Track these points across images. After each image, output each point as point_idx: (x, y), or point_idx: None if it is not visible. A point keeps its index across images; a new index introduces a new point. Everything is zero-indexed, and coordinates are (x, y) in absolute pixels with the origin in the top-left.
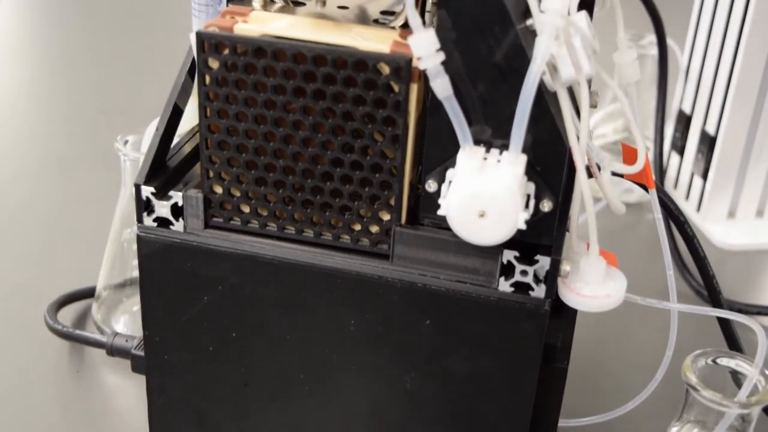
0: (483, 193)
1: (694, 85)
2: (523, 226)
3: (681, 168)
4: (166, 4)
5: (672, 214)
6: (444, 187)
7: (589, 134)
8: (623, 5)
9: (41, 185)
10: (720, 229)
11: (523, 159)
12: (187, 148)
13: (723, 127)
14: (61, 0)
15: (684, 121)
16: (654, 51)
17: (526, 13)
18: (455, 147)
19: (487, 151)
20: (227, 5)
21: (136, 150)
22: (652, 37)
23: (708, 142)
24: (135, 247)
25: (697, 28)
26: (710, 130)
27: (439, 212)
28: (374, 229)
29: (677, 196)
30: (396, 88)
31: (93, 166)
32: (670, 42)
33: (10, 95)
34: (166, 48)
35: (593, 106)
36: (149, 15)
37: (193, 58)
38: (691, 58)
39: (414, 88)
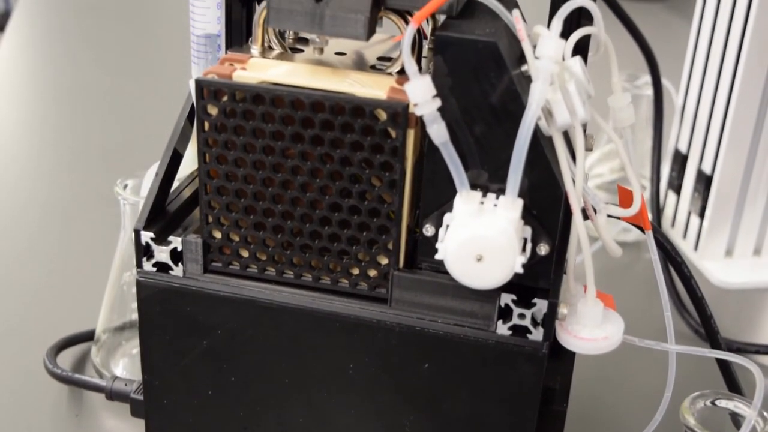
0: (480, 238)
1: (690, 125)
2: (520, 270)
3: (678, 207)
4: (167, 49)
5: (669, 255)
6: (441, 231)
7: (584, 178)
8: (618, 46)
9: (41, 228)
10: (717, 267)
11: (519, 203)
12: (187, 193)
13: (719, 166)
14: (62, 43)
15: (680, 161)
16: (649, 91)
17: (521, 58)
18: (452, 191)
19: (484, 195)
20: (226, 52)
21: (135, 194)
22: (647, 78)
23: (704, 181)
24: (134, 290)
25: (692, 68)
26: (706, 169)
27: (437, 256)
28: (372, 273)
29: (674, 235)
30: (393, 133)
31: (92, 209)
32: (665, 82)
33: (9, 137)
34: (166, 92)
35: (588, 149)
36: (149, 59)
37: (193, 104)
38: (686, 98)
39: (411, 134)
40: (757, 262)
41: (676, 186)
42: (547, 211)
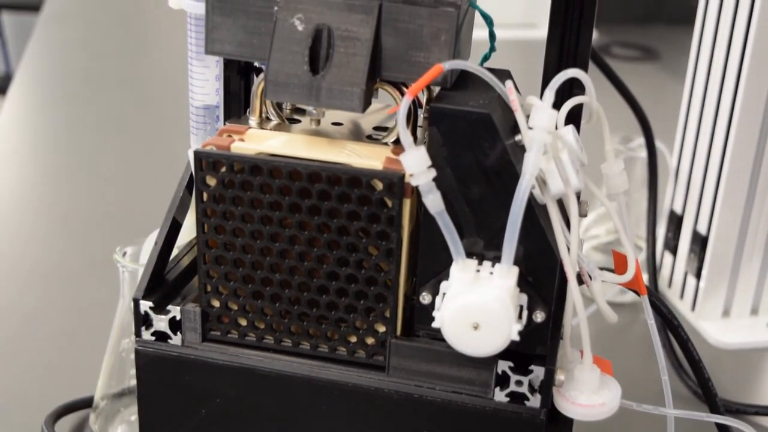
0: (476, 306)
1: (684, 186)
2: (517, 337)
3: (674, 267)
4: (166, 117)
5: (665, 318)
6: (438, 299)
7: (579, 245)
8: (612, 108)
9: (40, 293)
10: (715, 327)
11: (515, 271)
12: (186, 261)
13: (714, 227)
14: (63, 108)
15: (675, 222)
16: (643, 153)
17: (515, 128)
18: (448, 259)
19: (480, 263)
20: (225, 123)
21: (134, 261)
22: (641, 140)
23: (700, 242)
24: (133, 356)
25: (685, 130)
26: (701, 229)
27: (434, 324)
28: (370, 341)
29: (672, 295)
30: (389, 203)
31: (91, 275)
32: (658, 144)
33: (9, 201)
34: (165, 159)
35: (583, 215)
36: (149, 127)
37: (191, 174)
38: (680, 160)
39: (407, 203)
40: (754, 321)
41: (672, 247)
42: (543, 278)
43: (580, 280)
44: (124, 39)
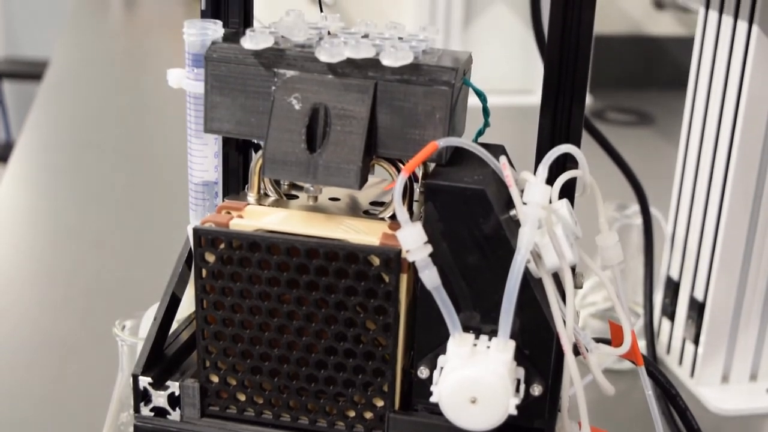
0: (473, 381)
1: (680, 252)
2: (515, 411)
3: (672, 334)
4: (165, 190)
5: (664, 387)
6: (436, 373)
7: (575, 318)
8: (607, 176)
9: (38, 365)
10: (714, 393)
11: (511, 345)
12: (185, 335)
13: (711, 293)
14: (62, 179)
15: (672, 288)
16: (639, 220)
17: (510, 203)
18: (446, 333)
19: (477, 337)
20: (223, 199)
21: (134, 335)
22: (636, 207)
23: (697, 308)
24: (131, 430)
25: (680, 196)
26: (698, 295)
27: (432, 399)
28: (368, 415)
29: (670, 362)
30: (386, 278)
31: (90, 348)
32: (653, 211)
33: (8, 274)
34: (164, 232)
35: (578, 287)
36: (148, 199)
37: (191, 249)
38: (675, 226)
39: (404, 278)
40: (753, 387)
41: (669, 313)
42: (540, 351)
43: (577, 352)
44: (124, 111)
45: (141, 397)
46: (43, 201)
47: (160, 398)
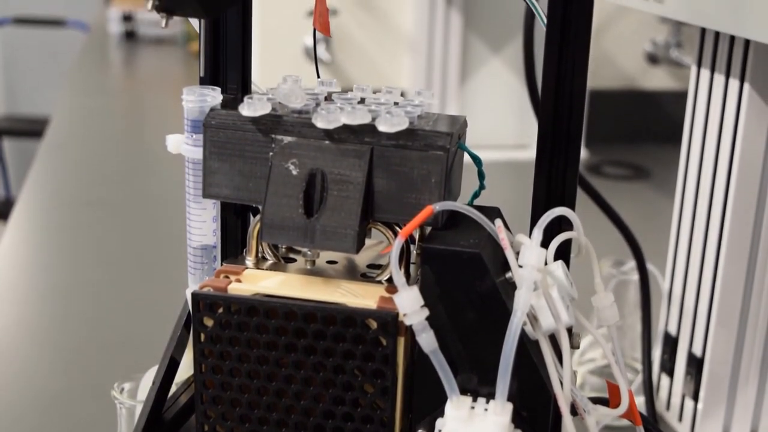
0: None
1: (678, 308)
2: None
3: (672, 390)
4: (165, 252)
5: None
6: None
7: (572, 379)
8: (603, 232)
9: (36, 427)
10: None
11: (509, 407)
12: (183, 399)
13: (709, 348)
14: (62, 238)
15: (671, 344)
16: (636, 276)
17: (505, 266)
18: (443, 396)
19: (474, 400)
20: (222, 263)
21: (132, 398)
22: (633, 263)
23: (696, 364)
24: None
25: (676, 251)
26: (697, 351)
27: None
28: None
29: (670, 418)
30: (384, 342)
31: (89, 409)
32: (650, 267)
33: (7, 332)
34: (164, 293)
35: (575, 347)
36: (148, 260)
37: (189, 312)
38: (672, 282)
39: (401, 341)
40: None
41: (668, 369)
42: (538, 414)
43: (575, 412)
44: (124, 169)
45: None
46: (43, 259)
47: None
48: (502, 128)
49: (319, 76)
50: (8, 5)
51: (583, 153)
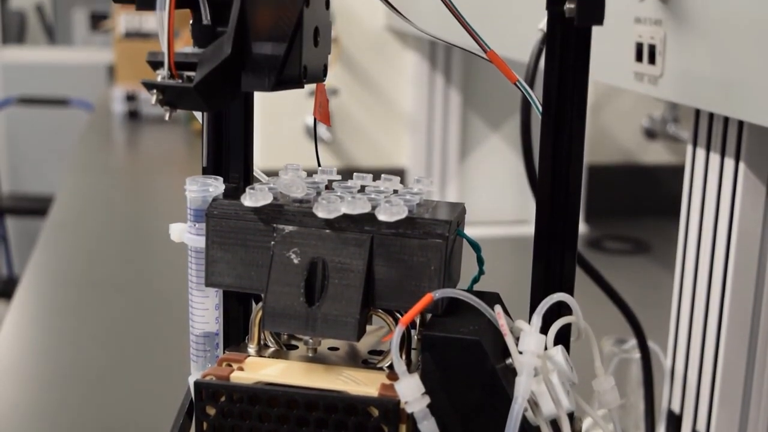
0: None
1: (680, 386)
2: None
3: None
4: (167, 338)
5: None
6: None
7: None
8: (604, 310)
9: None
10: None
11: None
12: None
13: (713, 425)
14: (65, 321)
15: (674, 422)
16: (638, 355)
17: (505, 351)
18: None
19: None
20: (224, 351)
21: None
22: (634, 341)
23: None
24: None
25: (677, 328)
26: (701, 429)
27: None
28: None
29: None
30: (386, 429)
31: None
32: (652, 345)
33: (7, 414)
34: (166, 378)
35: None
36: (150, 345)
37: (191, 400)
38: (674, 360)
39: (403, 429)
40: None
41: None
42: None
43: None
44: (128, 250)
45: None
46: (45, 341)
47: None
48: (503, 204)
49: (319, 164)
50: (13, 85)
51: (583, 228)
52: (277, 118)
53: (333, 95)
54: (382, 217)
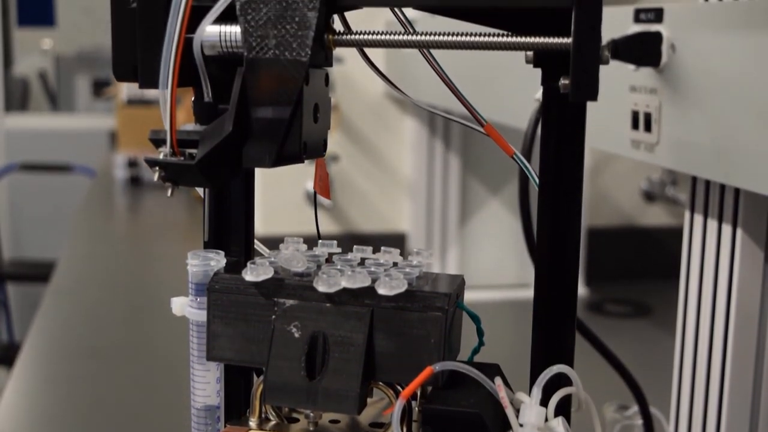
0: None
1: None
2: None
3: None
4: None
5: None
6: None
7: None
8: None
9: None
10: None
11: None
12: None
13: None
14: (66, 390)
15: None
16: (640, 421)
17: (506, 423)
18: None
19: None
20: (225, 425)
21: None
22: (636, 407)
23: None
24: None
25: (679, 395)
26: None
27: None
28: None
29: None
30: None
31: None
32: (654, 411)
33: None
34: None
35: None
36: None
37: None
38: (677, 426)
39: None
40: None
41: None
42: None
43: None
44: (129, 319)
45: None
46: (47, 410)
47: None
48: (503, 268)
49: (319, 237)
50: (16, 151)
51: (584, 291)
52: (278, 184)
53: (333, 161)
54: (382, 290)
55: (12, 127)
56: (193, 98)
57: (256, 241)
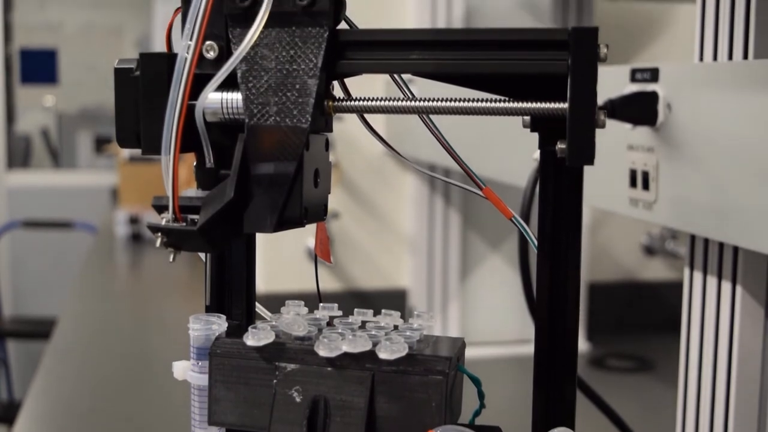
0: None
1: None
2: None
3: None
4: None
5: None
6: None
7: None
8: None
9: None
10: None
11: None
12: None
13: None
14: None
15: None
16: None
17: None
18: None
19: None
20: None
21: None
22: None
23: None
24: None
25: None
26: None
27: None
28: None
29: None
30: None
31: None
32: None
33: None
34: None
35: None
36: None
37: None
38: None
39: None
40: None
41: None
42: None
43: None
44: (130, 378)
45: None
46: None
47: None
48: (504, 324)
49: (320, 299)
50: (18, 209)
51: (586, 346)
52: (279, 241)
53: (334, 218)
54: (383, 355)
55: (14, 184)
56: (194, 164)
57: (257, 304)
